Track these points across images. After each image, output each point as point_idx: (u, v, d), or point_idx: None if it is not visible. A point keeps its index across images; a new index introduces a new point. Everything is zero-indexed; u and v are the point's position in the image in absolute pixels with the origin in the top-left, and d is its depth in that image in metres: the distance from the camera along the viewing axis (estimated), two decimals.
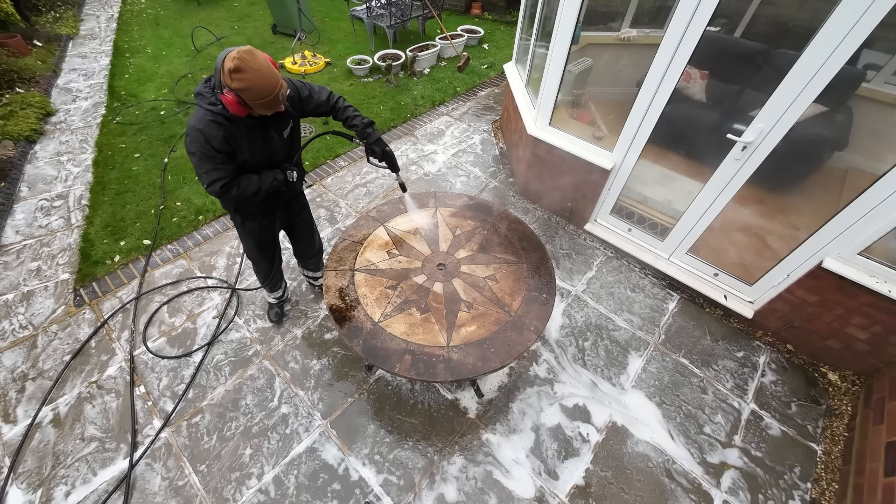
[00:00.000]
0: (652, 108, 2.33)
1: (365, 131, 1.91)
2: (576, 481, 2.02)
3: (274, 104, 1.48)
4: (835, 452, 2.12)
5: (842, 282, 2.08)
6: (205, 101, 1.50)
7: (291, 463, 2.06)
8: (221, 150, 1.54)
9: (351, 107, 1.93)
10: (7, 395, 2.25)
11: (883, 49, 2.56)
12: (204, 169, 1.57)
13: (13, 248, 3.02)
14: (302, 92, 1.78)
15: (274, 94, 1.44)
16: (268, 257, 2.23)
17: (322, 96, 1.85)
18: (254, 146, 1.67)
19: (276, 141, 1.75)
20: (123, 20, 6.78)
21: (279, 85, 1.45)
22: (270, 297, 2.56)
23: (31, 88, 4.59)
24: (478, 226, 2.31)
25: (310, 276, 2.70)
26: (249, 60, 1.36)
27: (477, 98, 5.04)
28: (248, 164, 1.71)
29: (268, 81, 1.41)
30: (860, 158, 2.76)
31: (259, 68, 1.38)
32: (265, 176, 1.75)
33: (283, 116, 1.71)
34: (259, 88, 1.40)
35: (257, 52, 1.41)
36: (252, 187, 1.70)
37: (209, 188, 1.61)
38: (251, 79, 1.37)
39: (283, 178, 1.82)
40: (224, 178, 1.60)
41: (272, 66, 1.44)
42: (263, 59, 1.41)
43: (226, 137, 1.54)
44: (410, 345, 1.77)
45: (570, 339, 2.58)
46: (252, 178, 1.71)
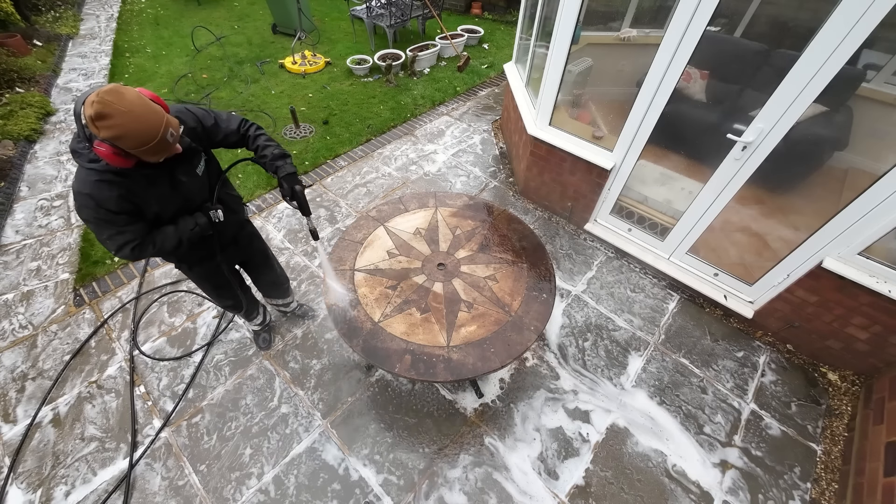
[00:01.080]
0: (652, 108, 2.33)
1: (274, 164, 1.60)
2: (576, 481, 2.02)
3: (163, 148, 1.22)
4: (835, 452, 2.12)
5: (842, 282, 2.08)
6: (84, 160, 1.25)
7: (291, 463, 2.06)
8: (121, 210, 1.32)
9: (263, 135, 1.67)
10: (7, 394, 2.25)
11: (883, 49, 2.55)
12: (105, 235, 1.35)
13: (13, 248, 3.01)
14: (205, 121, 1.54)
15: (159, 137, 1.18)
16: (230, 294, 2.03)
17: (231, 125, 1.61)
18: (161, 197, 1.43)
19: (189, 183, 1.50)
20: (123, 20, 6.78)
21: (163, 124, 1.19)
22: (251, 325, 2.42)
23: (31, 88, 4.59)
24: (478, 226, 2.31)
25: (279, 304, 2.47)
26: (114, 102, 1.11)
27: (477, 98, 5.04)
28: (163, 216, 1.49)
29: (145, 123, 1.15)
30: (860, 158, 2.76)
31: (130, 109, 1.12)
32: (183, 224, 1.52)
33: (188, 154, 1.46)
34: (136, 133, 1.14)
35: (125, 89, 1.15)
36: (171, 241, 1.48)
37: (118, 254, 1.39)
38: (122, 123, 1.12)
39: (205, 221, 1.58)
40: (133, 241, 1.38)
41: (149, 104, 1.18)
42: (134, 98, 1.15)
43: (123, 196, 1.30)
44: (410, 345, 1.77)
45: (570, 339, 2.58)
46: (168, 231, 1.48)
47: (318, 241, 1.82)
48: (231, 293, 2.02)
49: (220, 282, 1.94)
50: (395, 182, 3.75)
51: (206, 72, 5.27)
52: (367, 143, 4.24)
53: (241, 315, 2.24)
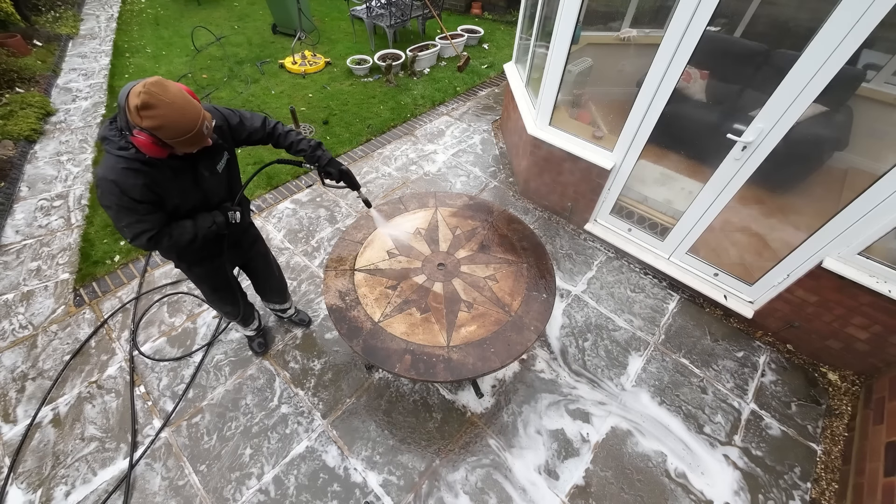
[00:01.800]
0: (652, 108, 2.33)
1: (314, 154, 1.73)
2: (575, 481, 2.02)
3: (198, 140, 1.29)
4: (835, 452, 2.12)
5: (842, 282, 2.08)
6: (113, 147, 1.28)
7: (291, 463, 2.06)
8: (144, 199, 1.35)
9: (293, 130, 1.75)
10: (7, 394, 2.25)
11: (883, 49, 2.55)
12: (125, 223, 1.36)
13: (13, 248, 3.01)
14: (231, 119, 1.59)
15: (197, 129, 1.25)
16: (228, 298, 2.03)
17: (255, 122, 1.67)
18: (184, 189, 1.47)
19: (210, 179, 1.54)
20: (123, 20, 6.78)
21: (201, 117, 1.26)
22: (246, 331, 2.40)
23: (31, 88, 4.59)
24: (478, 226, 2.31)
25: (277, 309, 2.47)
26: (159, 94, 1.17)
27: (477, 98, 5.04)
28: (181, 209, 1.51)
29: (186, 115, 1.22)
30: (860, 158, 2.76)
31: (173, 101, 1.19)
32: (201, 221, 1.55)
33: (212, 150, 1.51)
34: (176, 124, 1.21)
35: (168, 82, 1.21)
36: (187, 235, 1.50)
37: (134, 242, 1.40)
38: (165, 115, 1.18)
39: (223, 220, 1.61)
40: (151, 230, 1.40)
41: (189, 97, 1.25)
42: (177, 91, 1.22)
43: (147, 185, 1.33)
44: (410, 345, 1.77)
45: (570, 339, 2.58)
46: (186, 225, 1.51)
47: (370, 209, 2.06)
48: (230, 297, 2.02)
49: (219, 284, 1.94)
50: (395, 182, 3.75)
51: (206, 72, 5.27)
52: (367, 143, 4.24)
53: (238, 321, 2.23)
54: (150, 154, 1.25)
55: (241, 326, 2.34)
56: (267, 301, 2.39)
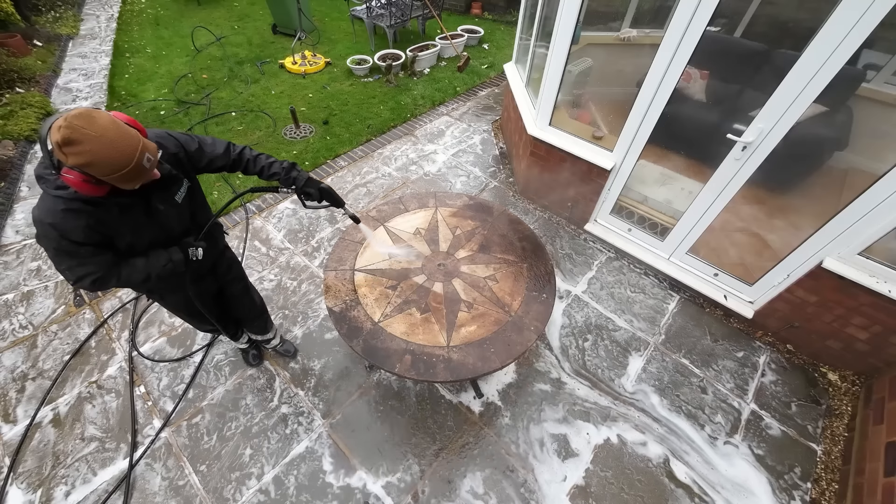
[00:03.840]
0: (652, 109, 2.33)
1: (289, 176, 1.60)
2: (576, 481, 2.02)
3: (139, 174, 1.12)
4: (835, 452, 2.12)
5: (842, 282, 2.08)
6: (50, 186, 1.14)
7: (291, 463, 2.06)
8: (87, 241, 1.20)
9: (263, 154, 1.61)
10: (7, 394, 2.25)
11: (883, 49, 2.55)
12: (65, 266, 1.23)
13: (13, 248, 3.01)
14: (188, 146, 1.44)
15: (134, 163, 1.09)
16: (208, 321, 1.89)
17: (217, 149, 1.52)
18: (136, 226, 1.31)
19: (168, 212, 1.39)
20: (123, 20, 6.78)
21: (138, 149, 1.09)
22: (238, 344, 2.27)
23: (31, 88, 4.59)
24: (478, 226, 2.31)
25: (260, 340, 2.32)
26: (83, 127, 1.01)
27: (477, 98, 5.04)
28: (138, 247, 1.36)
29: (118, 149, 1.06)
30: (860, 158, 2.76)
31: (101, 134, 1.03)
32: (154, 259, 1.38)
33: (167, 181, 1.35)
34: (108, 160, 1.05)
35: (96, 113, 1.06)
36: (138, 275, 1.35)
37: (76, 285, 1.27)
38: (92, 150, 1.02)
39: (181, 258, 1.44)
40: (95, 273, 1.25)
41: (123, 127, 1.09)
42: (107, 122, 1.06)
43: (90, 226, 1.19)
44: (410, 345, 1.77)
45: (571, 339, 2.58)
46: (137, 265, 1.35)
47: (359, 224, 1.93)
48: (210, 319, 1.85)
49: (195, 311, 1.80)
50: (395, 182, 3.75)
51: (206, 72, 5.27)
52: (367, 143, 4.24)
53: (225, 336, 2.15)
54: (86, 193, 1.11)
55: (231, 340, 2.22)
56: (248, 330, 2.24)
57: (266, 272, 2.93)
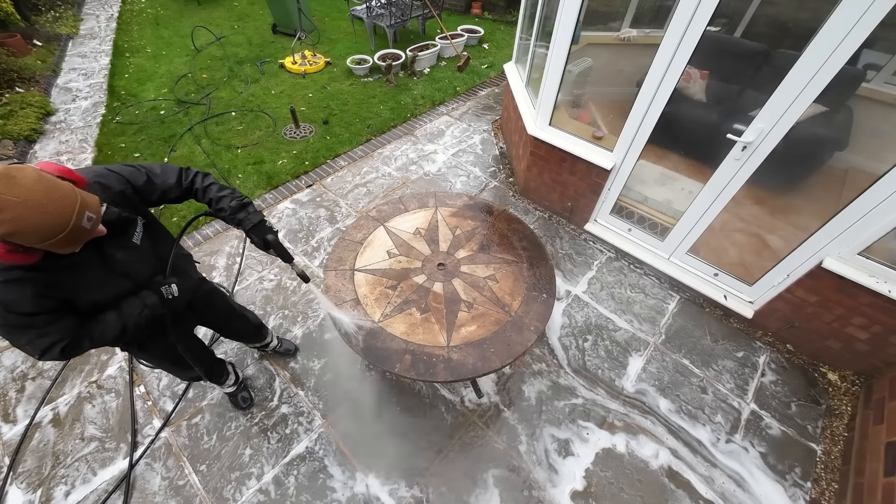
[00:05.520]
0: (652, 108, 2.33)
1: (235, 217, 1.40)
2: (576, 480, 2.02)
3: (78, 237, 0.99)
4: (835, 452, 2.12)
5: (842, 282, 2.08)
6: None
7: (291, 463, 2.06)
8: (39, 310, 1.06)
9: (214, 184, 1.44)
10: (7, 394, 2.25)
11: (883, 49, 2.56)
12: (24, 341, 1.08)
13: None
14: (135, 180, 1.29)
15: (70, 227, 0.95)
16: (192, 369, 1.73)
17: (169, 179, 1.37)
18: (95, 282, 1.18)
19: (126, 258, 1.26)
20: (123, 20, 6.78)
21: (74, 210, 0.95)
22: (224, 388, 2.15)
23: (31, 88, 4.59)
24: (478, 226, 2.31)
25: (257, 346, 2.30)
26: (2, 193, 0.86)
27: (477, 98, 5.04)
28: (103, 302, 1.23)
29: (47, 213, 0.91)
30: (860, 158, 2.76)
31: (24, 199, 0.88)
32: (128, 308, 1.26)
33: (119, 226, 1.22)
34: (36, 229, 0.90)
35: (19, 172, 0.90)
36: (112, 331, 1.23)
37: (43, 358, 1.12)
38: (15, 218, 0.88)
39: (156, 301, 1.33)
40: (61, 341, 1.12)
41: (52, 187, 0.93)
42: (32, 183, 0.90)
43: (39, 293, 1.05)
44: (410, 345, 1.77)
45: (571, 339, 2.58)
46: (109, 320, 1.22)
47: (308, 284, 1.69)
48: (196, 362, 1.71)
49: (179, 357, 1.65)
50: (395, 182, 3.75)
51: (206, 72, 5.27)
52: (367, 143, 4.24)
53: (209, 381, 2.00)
54: (14, 262, 0.98)
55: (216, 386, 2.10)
56: (246, 343, 2.24)
57: (266, 272, 2.93)
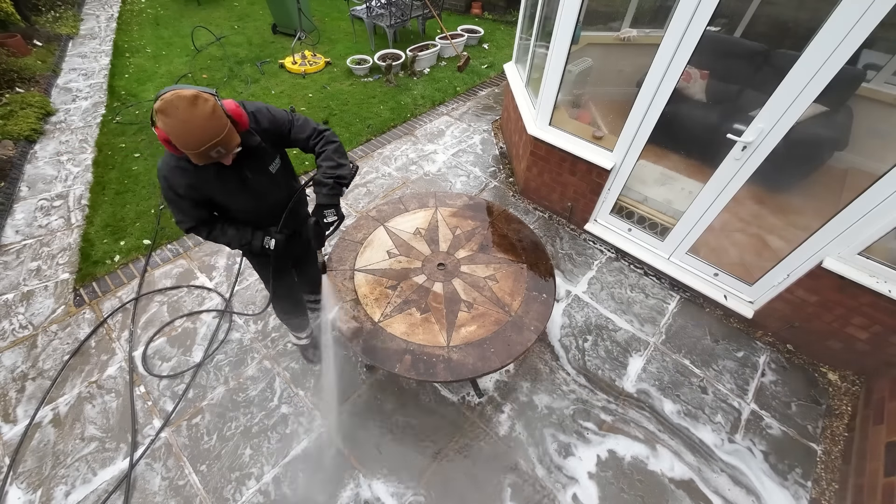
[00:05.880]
0: (652, 108, 2.33)
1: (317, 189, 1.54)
2: (576, 480, 2.02)
3: (203, 158, 1.26)
4: (835, 452, 2.12)
5: (842, 282, 2.08)
6: None
7: (291, 463, 2.06)
8: (186, 196, 1.43)
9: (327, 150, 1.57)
10: (7, 394, 2.25)
11: (883, 49, 2.56)
12: (172, 210, 1.50)
13: (13, 248, 3.01)
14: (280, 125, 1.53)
15: (200, 151, 1.22)
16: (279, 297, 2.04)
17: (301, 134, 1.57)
18: (229, 191, 1.50)
19: (259, 180, 1.55)
20: (123, 20, 6.78)
21: (210, 141, 1.22)
22: (300, 339, 2.38)
23: (31, 88, 4.59)
24: (478, 226, 2.31)
25: (310, 300, 2.38)
26: (177, 107, 1.17)
27: (477, 98, 5.04)
28: (232, 209, 1.58)
29: (192, 135, 1.20)
30: (860, 158, 2.76)
31: (185, 120, 1.17)
32: (240, 235, 1.61)
33: (256, 152, 1.48)
34: (179, 140, 1.20)
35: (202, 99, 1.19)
36: (223, 239, 1.60)
37: (179, 225, 1.53)
38: (171, 126, 1.18)
39: (258, 245, 1.63)
40: (188, 223, 1.51)
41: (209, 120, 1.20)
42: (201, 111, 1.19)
43: (192, 185, 1.41)
44: (410, 345, 1.77)
45: (571, 339, 2.58)
46: (226, 231, 1.59)
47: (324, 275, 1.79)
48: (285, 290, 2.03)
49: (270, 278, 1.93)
50: (395, 182, 3.75)
51: (206, 72, 5.27)
52: (367, 143, 4.24)
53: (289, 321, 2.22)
54: (168, 149, 1.29)
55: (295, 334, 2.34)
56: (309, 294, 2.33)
57: None
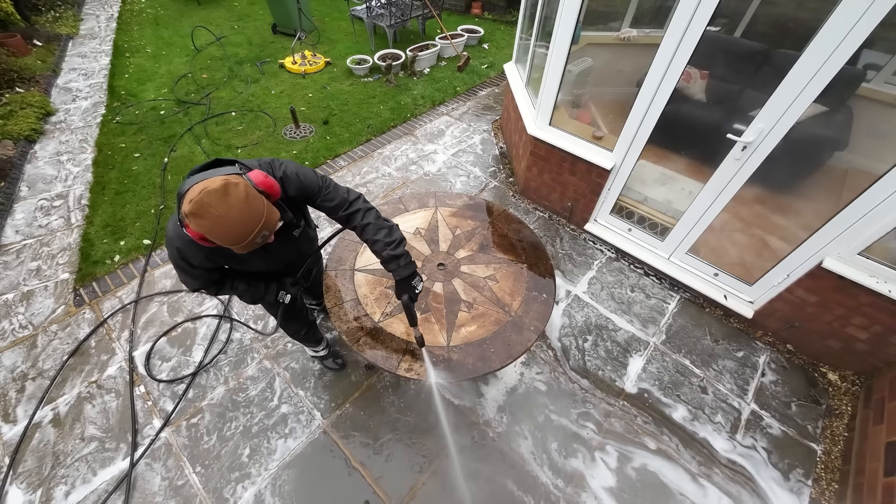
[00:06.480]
0: (652, 108, 2.33)
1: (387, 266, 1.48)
2: (575, 480, 2.02)
3: (248, 248, 1.18)
4: (835, 452, 2.12)
5: (842, 282, 2.08)
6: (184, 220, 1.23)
7: (291, 463, 2.06)
8: (200, 266, 1.37)
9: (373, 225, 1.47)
10: (7, 394, 2.25)
11: (883, 49, 2.55)
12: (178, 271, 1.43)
13: (13, 248, 3.01)
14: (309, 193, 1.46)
15: (245, 242, 1.14)
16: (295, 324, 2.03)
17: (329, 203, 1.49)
18: (247, 258, 1.42)
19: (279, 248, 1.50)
20: (123, 20, 6.78)
21: (255, 230, 1.13)
22: (319, 352, 2.34)
23: (31, 88, 4.59)
24: (478, 226, 2.31)
25: (313, 304, 2.52)
26: (210, 205, 1.07)
27: (477, 98, 5.04)
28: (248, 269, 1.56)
29: (233, 230, 1.11)
30: (860, 158, 2.76)
31: (222, 215, 1.08)
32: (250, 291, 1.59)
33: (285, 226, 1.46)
34: (220, 237, 1.12)
35: (233, 188, 1.09)
36: (233, 294, 1.58)
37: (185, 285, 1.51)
38: (209, 226, 1.09)
39: (272, 298, 1.64)
40: (196, 286, 1.47)
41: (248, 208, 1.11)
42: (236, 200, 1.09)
43: (208, 257, 1.34)
44: (410, 345, 1.77)
45: (571, 339, 2.58)
46: (239, 287, 1.56)
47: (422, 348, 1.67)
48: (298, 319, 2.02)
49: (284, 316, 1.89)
50: (395, 182, 3.75)
51: (205, 72, 5.27)
52: (367, 143, 4.24)
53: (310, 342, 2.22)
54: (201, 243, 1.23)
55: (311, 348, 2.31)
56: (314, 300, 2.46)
57: None
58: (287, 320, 1.98)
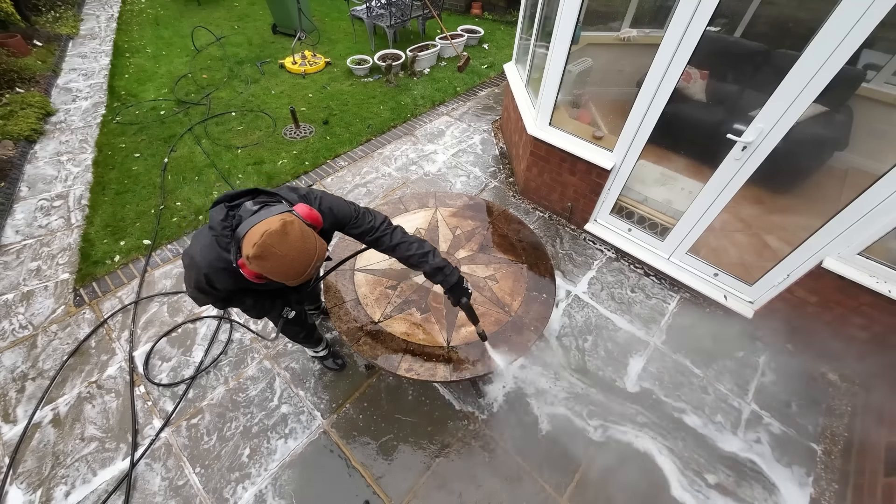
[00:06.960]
0: (652, 109, 2.33)
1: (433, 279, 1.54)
2: (575, 480, 2.02)
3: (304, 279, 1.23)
4: (835, 452, 2.12)
5: (842, 282, 2.08)
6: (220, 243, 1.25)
7: (291, 463, 2.06)
8: (224, 290, 1.40)
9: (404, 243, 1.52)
10: (7, 394, 2.25)
11: (883, 49, 2.56)
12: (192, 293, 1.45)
13: (13, 248, 3.01)
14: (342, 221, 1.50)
15: (302, 278, 1.19)
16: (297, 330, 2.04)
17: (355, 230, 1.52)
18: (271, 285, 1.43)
19: None
20: (123, 20, 6.78)
21: (311, 265, 1.19)
22: (319, 352, 2.35)
23: (31, 88, 4.59)
24: (478, 226, 2.31)
25: (310, 309, 2.53)
26: (273, 246, 1.11)
27: (477, 98, 5.04)
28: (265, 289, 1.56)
29: (294, 268, 1.16)
30: (860, 158, 2.76)
31: (285, 254, 1.13)
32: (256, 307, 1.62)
33: None
34: (282, 275, 1.17)
35: (290, 227, 1.14)
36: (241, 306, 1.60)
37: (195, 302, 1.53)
38: (272, 267, 1.14)
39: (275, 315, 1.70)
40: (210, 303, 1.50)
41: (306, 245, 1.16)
42: (295, 239, 1.14)
43: (234, 282, 1.36)
44: (410, 345, 1.77)
45: (571, 339, 2.58)
46: (245, 302, 1.58)
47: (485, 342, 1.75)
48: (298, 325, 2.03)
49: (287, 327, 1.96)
50: (395, 182, 3.75)
51: (206, 72, 5.27)
52: (367, 143, 4.24)
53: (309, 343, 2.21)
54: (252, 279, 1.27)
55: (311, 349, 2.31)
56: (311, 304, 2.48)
57: None
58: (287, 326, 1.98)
